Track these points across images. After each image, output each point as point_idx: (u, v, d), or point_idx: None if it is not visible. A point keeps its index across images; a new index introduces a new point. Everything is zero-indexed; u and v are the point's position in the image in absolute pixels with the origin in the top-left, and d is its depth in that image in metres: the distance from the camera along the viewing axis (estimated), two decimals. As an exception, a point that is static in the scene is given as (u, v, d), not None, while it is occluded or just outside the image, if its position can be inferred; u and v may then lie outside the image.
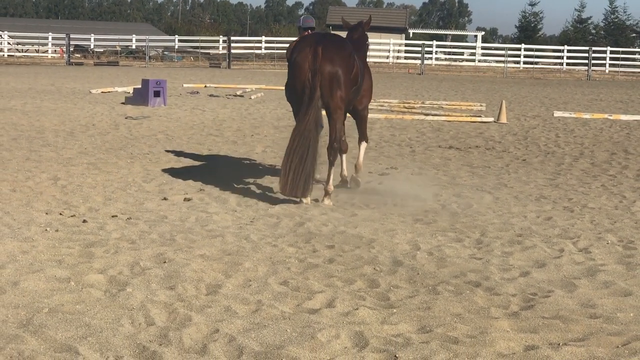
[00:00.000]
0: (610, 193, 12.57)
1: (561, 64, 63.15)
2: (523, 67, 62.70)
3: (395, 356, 5.76)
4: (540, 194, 12.34)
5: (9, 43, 68.35)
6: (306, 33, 12.88)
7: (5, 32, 69.10)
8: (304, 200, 11.10)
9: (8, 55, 64.50)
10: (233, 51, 59.79)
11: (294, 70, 11.22)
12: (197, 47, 68.58)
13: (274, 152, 16.39)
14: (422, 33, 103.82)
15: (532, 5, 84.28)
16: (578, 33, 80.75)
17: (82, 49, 67.39)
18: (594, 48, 58.81)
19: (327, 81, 11.14)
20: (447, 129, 21.30)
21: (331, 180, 11.40)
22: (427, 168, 14.80)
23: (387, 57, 66.13)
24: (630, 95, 37.10)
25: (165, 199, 11.22)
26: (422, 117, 23.77)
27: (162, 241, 8.84)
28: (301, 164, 10.88)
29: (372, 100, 28.89)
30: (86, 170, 13.31)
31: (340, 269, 7.94)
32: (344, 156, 12.49)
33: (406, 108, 26.67)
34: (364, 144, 12.88)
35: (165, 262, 7.96)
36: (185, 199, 11.20)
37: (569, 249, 8.90)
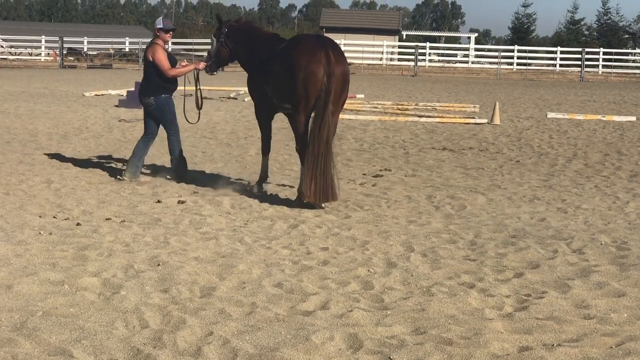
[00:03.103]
0: (604, 194, 12.59)
1: (554, 65, 63.29)
2: (516, 69, 62.78)
3: (390, 358, 5.77)
4: (534, 195, 12.35)
5: (2, 46, 68.24)
6: (168, 35, 12.87)
7: (-1, 36, 69.04)
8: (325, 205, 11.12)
9: (1, 58, 64.38)
10: (226, 53, 59.61)
11: (308, 77, 10.90)
12: (190, 50, 68.50)
13: (267, 154, 16.36)
14: (416, 35, 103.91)
15: (525, 6, 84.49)
16: (571, 34, 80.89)
17: (75, 52, 67.33)
18: (587, 49, 58.86)
19: (340, 84, 11.10)
20: (440, 130, 21.32)
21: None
22: (421, 170, 14.80)
23: (381, 58, 66.22)
24: (623, 97, 37.16)
25: (159, 201, 11.22)
26: (416, 118, 23.78)
27: (156, 244, 8.83)
28: (329, 169, 10.90)
29: (365, 102, 28.89)
30: (80, 173, 13.30)
31: (334, 270, 7.95)
32: None
33: (400, 110, 26.68)
34: None
35: (159, 264, 7.96)
36: (179, 202, 11.20)
37: (563, 250, 8.91)
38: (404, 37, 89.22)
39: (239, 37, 12.37)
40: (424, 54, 63.94)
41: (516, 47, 64.92)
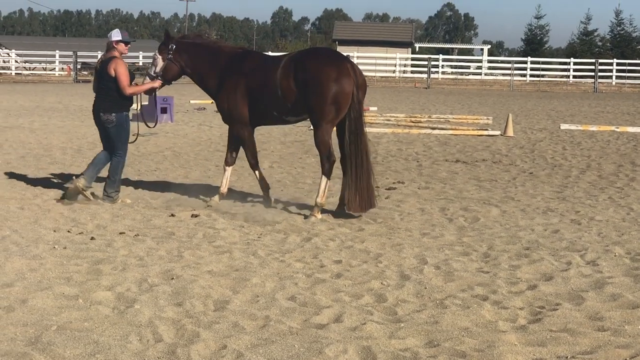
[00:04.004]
0: (618, 205, 12.56)
1: (567, 76, 63.21)
2: (529, 80, 62.75)
3: (403, 371, 5.76)
4: (547, 207, 12.33)
5: (16, 61, 68.64)
6: (126, 48, 12.15)
7: (13, 51, 69.51)
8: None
9: (16, 73, 64.76)
10: (240, 67, 59.71)
11: (342, 90, 10.99)
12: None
13: (280, 167, 16.41)
14: (429, 47, 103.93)
15: (538, 18, 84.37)
16: (584, 45, 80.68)
17: (89, 67, 67.50)
18: (600, 60, 58.81)
19: (363, 93, 11.34)
20: (453, 142, 21.32)
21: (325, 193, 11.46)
22: (434, 182, 14.79)
23: (394, 71, 66.28)
24: (637, 107, 37.09)
25: (172, 215, 11.24)
26: (429, 131, 23.79)
27: (170, 258, 8.86)
28: (371, 178, 11.20)
29: (378, 115, 28.86)
30: (94, 188, 13.32)
31: (347, 283, 7.95)
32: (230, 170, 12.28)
33: (413, 122, 26.69)
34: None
35: (173, 278, 7.98)
36: (192, 215, 11.21)
37: (577, 262, 8.89)
38: (417, 49, 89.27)
39: (197, 53, 12.03)
40: (436, 66, 64.09)
41: (529, 59, 64.89)
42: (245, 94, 11.65)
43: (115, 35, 12.11)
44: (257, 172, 12.23)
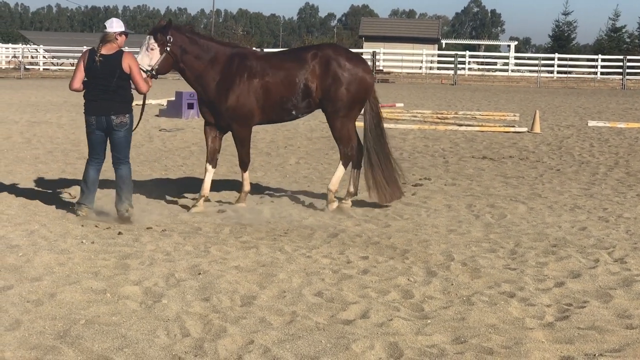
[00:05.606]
0: (646, 203, 12.48)
1: (595, 73, 62.78)
2: (557, 77, 62.37)
3: (430, 367, 5.76)
4: (574, 204, 12.27)
5: (44, 57, 69.01)
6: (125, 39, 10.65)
7: (41, 46, 69.83)
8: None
9: (44, 69, 65.12)
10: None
11: (371, 85, 11.54)
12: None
13: (307, 163, 16.41)
14: (455, 43, 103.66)
15: (566, 14, 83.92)
16: (612, 42, 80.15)
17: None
18: (628, 57, 58.35)
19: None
20: (480, 139, 21.24)
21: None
22: (461, 178, 14.76)
23: (420, 67, 66.11)
24: (666, 104, 36.79)
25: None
26: (456, 127, 23.72)
27: (197, 253, 8.88)
28: (394, 168, 11.64)
29: (405, 111, 28.82)
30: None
31: (374, 279, 7.95)
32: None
33: (439, 119, 26.63)
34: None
35: (200, 273, 8.01)
36: (219, 211, 11.24)
37: (604, 259, 8.85)
38: (444, 45, 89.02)
39: (196, 49, 11.24)
40: (463, 63, 63.86)
41: (556, 55, 64.50)
42: (256, 93, 11.23)
43: (118, 26, 10.63)
44: (246, 173, 11.70)
